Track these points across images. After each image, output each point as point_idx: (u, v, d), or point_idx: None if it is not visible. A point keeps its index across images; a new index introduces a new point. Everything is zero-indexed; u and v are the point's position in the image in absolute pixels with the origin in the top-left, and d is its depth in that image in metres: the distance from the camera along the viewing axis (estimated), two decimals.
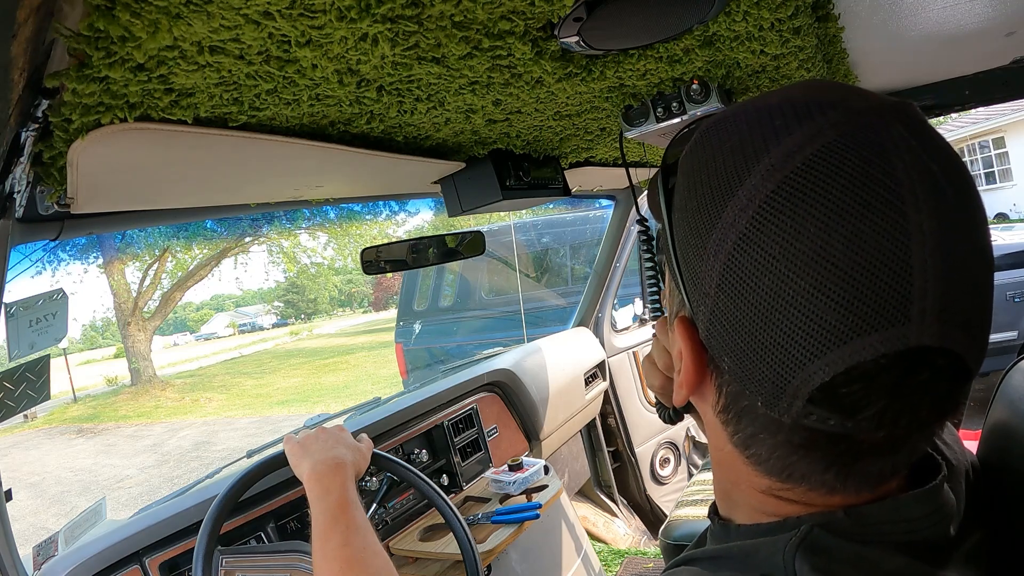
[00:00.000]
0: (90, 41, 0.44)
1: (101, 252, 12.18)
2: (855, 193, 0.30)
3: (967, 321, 0.30)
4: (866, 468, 0.34)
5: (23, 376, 0.87)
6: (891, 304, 0.29)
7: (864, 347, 0.29)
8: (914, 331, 0.29)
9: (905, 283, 0.29)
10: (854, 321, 0.29)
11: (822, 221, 0.30)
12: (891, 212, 0.29)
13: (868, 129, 0.31)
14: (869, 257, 0.29)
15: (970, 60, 1.24)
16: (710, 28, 0.73)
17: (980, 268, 0.31)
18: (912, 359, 0.30)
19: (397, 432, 1.56)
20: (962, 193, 0.31)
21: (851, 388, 0.31)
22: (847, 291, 0.29)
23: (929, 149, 0.31)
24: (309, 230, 14.32)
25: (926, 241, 0.29)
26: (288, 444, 0.98)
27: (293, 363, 17.61)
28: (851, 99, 0.33)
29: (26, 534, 5.57)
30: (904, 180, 0.30)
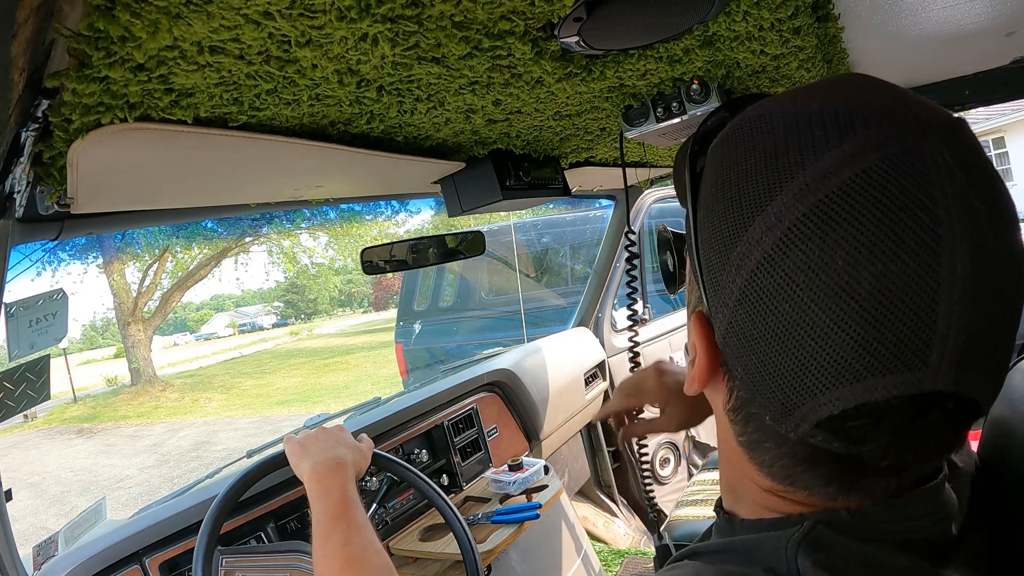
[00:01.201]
0: (90, 41, 0.44)
1: (101, 252, 12.19)
2: (890, 229, 0.28)
3: (987, 367, 0.30)
4: (869, 486, 0.34)
5: (23, 376, 0.87)
6: (910, 348, 0.28)
7: (876, 387, 0.29)
8: (929, 377, 0.29)
9: (928, 329, 0.28)
10: (870, 361, 0.29)
11: (851, 255, 0.29)
12: (924, 253, 0.28)
13: (912, 155, 0.29)
14: (894, 299, 0.28)
15: (970, 60, 1.24)
16: (710, 28, 0.73)
17: (1011, 315, 0.30)
18: (924, 402, 0.29)
19: (397, 432, 1.56)
20: (1004, 235, 0.29)
21: (859, 422, 0.30)
22: (867, 330, 0.29)
23: (975, 182, 0.29)
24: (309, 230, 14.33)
25: (956, 286, 0.28)
26: (288, 444, 0.98)
27: (293, 363, 17.61)
28: (899, 113, 0.31)
29: (26, 534, 5.57)
30: (943, 218, 0.28)
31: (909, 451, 0.31)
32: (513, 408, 1.94)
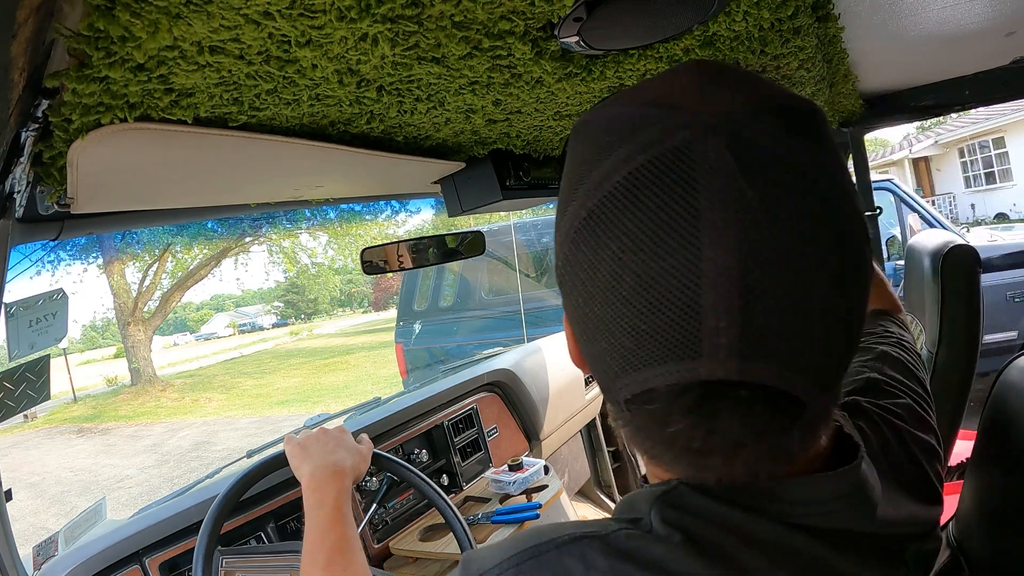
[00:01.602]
0: (90, 41, 0.44)
1: (101, 252, 12.18)
2: (650, 228, 0.29)
3: (784, 354, 0.30)
4: (717, 465, 0.34)
5: (23, 376, 0.87)
6: (678, 341, 0.29)
7: (655, 376, 0.31)
8: (705, 366, 0.29)
9: (694, 321, 0.29)
10: (646, 351, 0.30)
11: (616, 255, 0.30)
12: (684, 249, 0.29)
13: (680, 152, 0.30)
14: (657, 295, 0.29)
15: (970, 60, 1.24)
16: (710, 28, 0.73)
17: (803, 302, 0.30)
18: (708, 389, 0.30)
19: (397, 432, 1.56)
20: (784, 223, 0.29)
21: (654, 406, 0.32)
22: (638, 323, 0.30)
23: (753, 173, 0.29)
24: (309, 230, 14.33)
25: (719, 278, 0.28)
26: (289, 444, 0.98)
27: (293, 363, 17.60)
28: (681, 109, 0.31)
29: (26, 534, 5.56)
30: (705, 212, 0.29)
31: (716, 435, 0.32)
32: (513, 408, 1.94)
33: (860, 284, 0.33)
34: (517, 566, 0.36)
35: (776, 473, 0.35)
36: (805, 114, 0.33)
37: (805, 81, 1.04)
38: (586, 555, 0.35)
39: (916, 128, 17.08)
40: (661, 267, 0.29)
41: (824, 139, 0.33)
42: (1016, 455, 0.74)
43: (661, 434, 0.33)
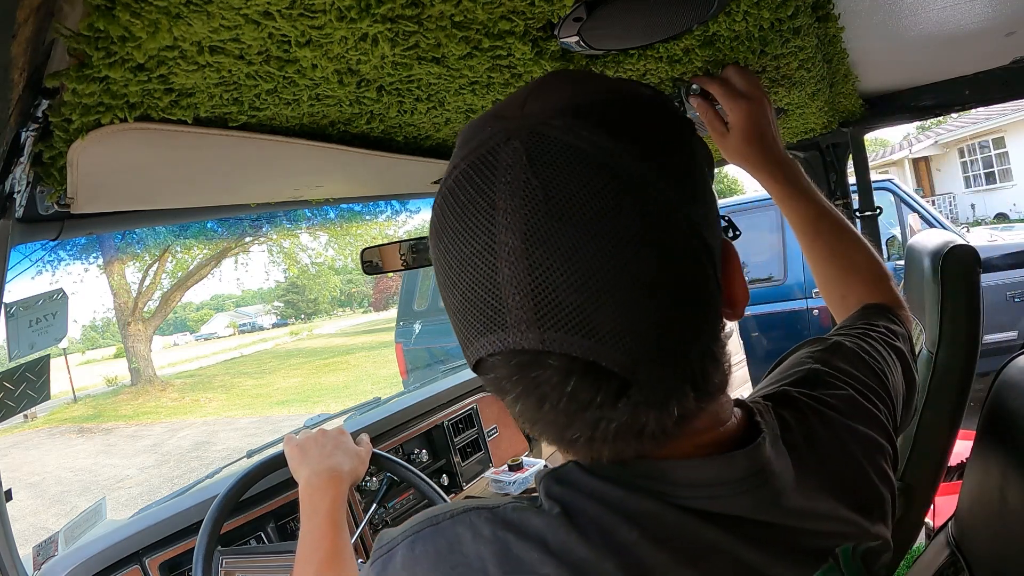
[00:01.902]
0: (90, 41, 0.44)
1: (101, 252, 12.17)
2: (461, 220, 0.35)
3: (573, 325, 0.33)
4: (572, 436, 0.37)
5: (23, 376, 0.87)
6: (489, 315, 0.35)
7: (480, 347, 0.36)
8: (512, 336, 0.34)
9: (496, 296, 0.34)
10: (471, 326, 0.36)
11: (444, 248, 0.37)
12: (484, 235, 0.34)
13: (488, 155, 0.35)
14: (469, 276, 0.35)
15: (970, 60, 1.24)
16: (710, 28, 0.73)
17: (590, 273, 0.32)
18: (523, 358, 0.35)
19: (397, 432, 1.56)
20: (561, 202, 0.33)
21: (489, 375, 0.37)
22: (462, 302, 0.36)
23: (539, 162, 0.33)
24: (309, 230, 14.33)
25: (511, 258, 0.33)
26: (288, 445, 0.98)
27: (293, 363, 17.61)
28: (501, 118, 0.37)
29: (26, 534, 5.56)
30: (499, 203, 0.34)
31: (545, 401, 0.35)
32: None
33: (672, 261, 0.34)
34: (417, 533, 0.41)
35: (648, 453, 0.38)
36: (615, 110, 0.36)
37: (805, 81, 1.04)
38: (474, 524, 0.39)
39: (916, 128, 17.09)
40: (469, 252, 0.35)
41: (628, 131, 0.35)
42: (1015, 454, 0.74)
43: (513, 408, 0.38)
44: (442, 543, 0.40)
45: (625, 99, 0.37)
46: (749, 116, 0.79)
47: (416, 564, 0.40)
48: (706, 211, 0.38)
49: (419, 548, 0.40)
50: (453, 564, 0.38)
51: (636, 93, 0.38)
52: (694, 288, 0.36)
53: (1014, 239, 4.41)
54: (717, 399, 0.41)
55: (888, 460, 0.49)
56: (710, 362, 0.38)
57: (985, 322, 1.19)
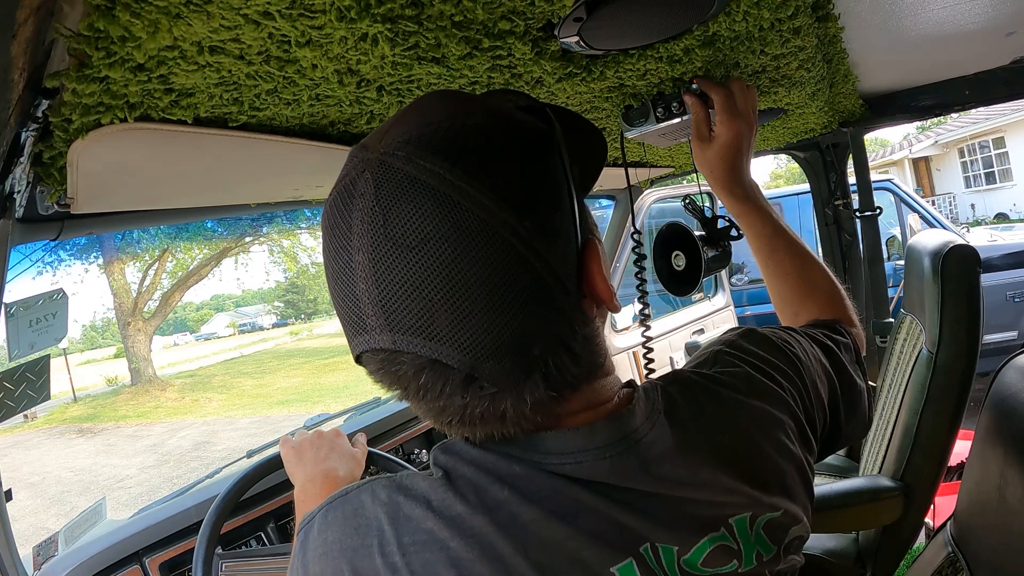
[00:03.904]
0: (90, 41, 0.44)
1: (101, 252, 12.17)
2: (330, 240, 0.42)
3: (420, 329, 0.39)
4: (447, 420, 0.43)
5: (23, 376, 0.87)
6: (355, 320, 0.41)
7: (355, 346, 0.43)
8: (372, 338, 0.40)
9: (357, 306, 0.40)
10: (346, 329, 0.43)
11: (324, 262, 0.43)
12: (344, 254, 0.40)
13: (349, 185, 0.41)
14: (338, 288, 0.41)
15: (970, 60, 1.24)
16: (710, 28, 0.73)
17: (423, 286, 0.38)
18: (384, 356, 0.41)
19: (397, 432, 1.56)
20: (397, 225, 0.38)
21: (368, 368, 0.44)
22: (338, 309, 0.43)
23: (382, 190, 0.39)
24: (309, 230, 14.32)
25: (362, 273, 0.39)
26: (283, 448, 0.98)
27: (293, 363, 17.60)
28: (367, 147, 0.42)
29: (26, 534, 5.57)
30: (355, 225, 0.40)
31: (419, 393, 0.41)
32: None
33: (499, 272, 0.39)
34: (330, 504, 0.48)
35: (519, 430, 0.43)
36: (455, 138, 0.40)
37: (805, 81, 1.04)
38: (374, 490, 0.46)
39: (916, 128, 17.09)
40: (336, 268, 0.41)
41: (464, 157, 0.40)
42: (1014, 454, 0.74)
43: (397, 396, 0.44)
44: (348, 508, 0.46)
45: (466, 126, 0.41)
46: (738, 136, 0.82)
47: (328, 529, 0.47)
48: (542, 221, 0.41)
49: (331, 515, 0.47)
50: (356, 525, 0.45)
51: (478, 122, 0.42)
52: (528, 293, 0.40)
53: (1014, 239, 4.41)
54: (581, 386, 0.45)
55: (791, 435, 0.51)
56: (564, 355, 0.43)
57: (985, 322, 1.19)
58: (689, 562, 0.43)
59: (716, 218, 1.14)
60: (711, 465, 0.46)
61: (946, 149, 15.53)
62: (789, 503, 0.48)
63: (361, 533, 0.44)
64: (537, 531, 0.41)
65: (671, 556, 0.43)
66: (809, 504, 0.52)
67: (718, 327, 3.03)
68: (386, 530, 0.43)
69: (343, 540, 0.45)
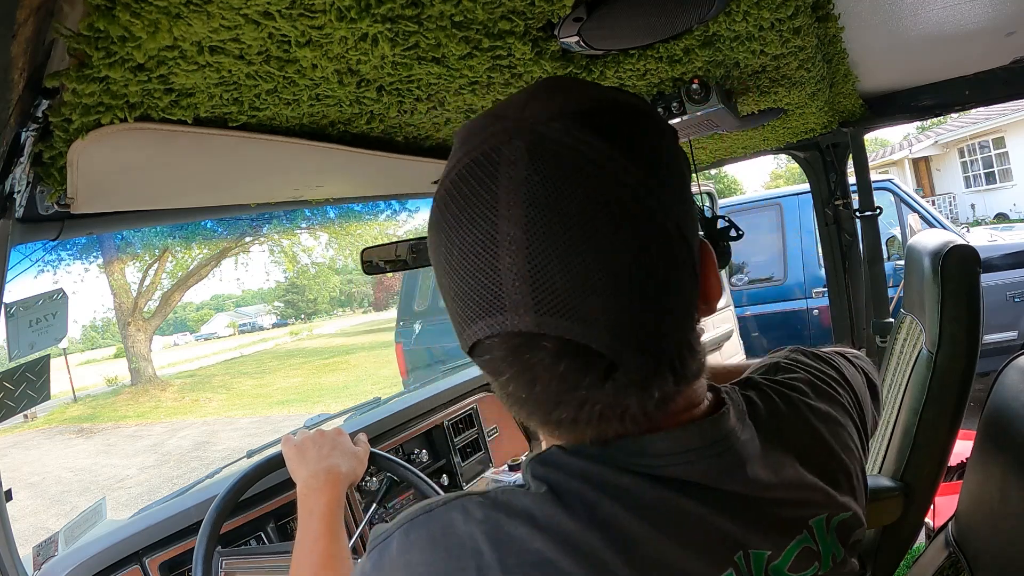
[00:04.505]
0: (90, 41, 0.44)
1: (101, 252, 12.18)
2: (465, 211, 0.37)
3: (567, 309, 0.36)
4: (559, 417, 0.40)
5: (23, 376, 0.87)
6: (488, 299, 0.37)
7: (478, 329, 0.38)
8: (509, 319, 0.37)
9: (496, 281, 0.36)
10: (470, 309, 0.38)
11: (444, 235, 0.39)
12: (486, 225, 0.37)
13: (490, 152, 0.38)
14: (470, 262, 0.37)
15: (970, 60, 1.24)
16: (710, 28, 0.73)
17: (592, 266, 0.36)
18: (518, 340, 0.37)
19: (397, 432, 1.56)
20: (559, 197, 0.36)
21: (484, 357, 0.40)
22: (461, 287, 0.38)
23: (541, 162, 0.36)
24: (309, 230, 14.33)
25: (512, 247, 0.36)
26: (285, 446, 0.98)
27: (293, 363, 17.60)
28: (508, 116, 0.39)
29: (26, 534, 5.56)
30: (502, 196, 0.36)
31: (536, 383, 0.38)
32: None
33: (657, 257, 0.38)
34: (411, 521, 0.43)
35: (630, 432, 0.41)
36: (609, 116, 0.39)
37: (805, 81, 1.04)
38: (467, 507, 0.42)
39: (916, 128, 17.08)
40: (471, 240, 0.37)
41: (621, 136, 0.38)
42: (1015, 454, 0.74)
43: (504, 390, 0.40)
44: (436, 527, 0.42)
45: (615, 106, 0.40)
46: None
47: (411, 549, 0.42)
48: (688, 211, 0.41)
49: (413, 534, 0.43)
50: (447, 546, 0.41)
51: (624, 101, 0.41)
52: (676, 282, 0.39)
53: (1014, 239, 4.40)
54: (692, 384, 0.44)
55: (853, 437, 0.52)
56: (687, 350, 0.42)
57: (985, 322, 1.19)
58: (777, 568, 0.43)
59: (716, 218, 1.14)
60: (793, 464, 0.46)
61: (946, 149, 15.52)
62: (855, 504, 0.49)
63: (455, 555, 0.40)
64: (648, 547, 0.40)
65: (761, 562, 0.42)
66: (865, 507, 0.52)
67: (718, 327, 3.03)
68: (485, 552, 0.39)
69: (432, 563, 0.41)
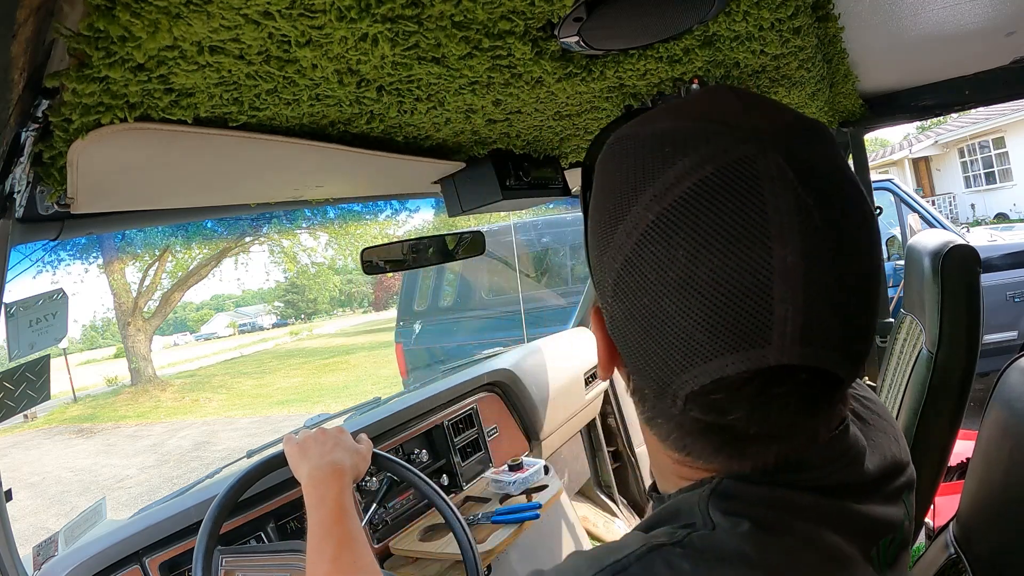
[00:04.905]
0: (90, 41, 0.44)
1: (101, 252, 12.18)
2: (723, 227, 0.33)
3: (835, 340, 0.34)
4: (758, 452, 0.38)
5: (23, 376, 0.87)
6: (752, 329, 0.33)
7: (727, 364, 0.33)
8: (774, 352, 0.33)
9: (765, 312, 0.32)
10: (718, 342, 0.33)
11: (690, 252, 0.33)
12: (756, 246, 0.32)
13: (745, 162, 0.33)
14: (731, 287, 0.32)
15: (970, 60, 1.24)
16: (710, 28, 0.73)
17: (853, 292, 0.34)
18: (773, 374, 0.33)
19: (397, 432, 1.56)
20: (836, 225, 0.33)
21: (719, 396, 0.35)
22: (711, 315, 0.33)
23: (807, 180, 0.33)
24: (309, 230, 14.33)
25: (788, 274, 0.32)
26: (288, 445, 0.98)
27: (293, 363, 17.60)
28: (736, 126, 0.35)
29: (26, 534, 5.56)
30: (773, 216, 0.32)
31: (774, 417, 0.35)
32: (513, 408, 1.94)
33: (882, 277, 0.38)
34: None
35: (801, 449, 0.39)
36: (824, 131, 0.37)
37: (805, 81, 1.04)
38: (671, 561, 0.37)
39: (916, 128, 17.08)
40: (736, 263, 0.32)
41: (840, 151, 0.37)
42: (1018, 456, 0.74)
43: (715, 426, 0.37)
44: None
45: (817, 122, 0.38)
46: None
47: None
48: None
49: None
50: None
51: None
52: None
53: (1014, 239, 4.40)
54: None
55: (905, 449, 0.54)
56: None
57: (985, 322, 1.19)
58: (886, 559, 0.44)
59: None
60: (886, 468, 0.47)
61: (946, 149, 15.52)
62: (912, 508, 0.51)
63: None
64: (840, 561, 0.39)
65: (882, 556, 0.44)
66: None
67: None
68: None
69: None
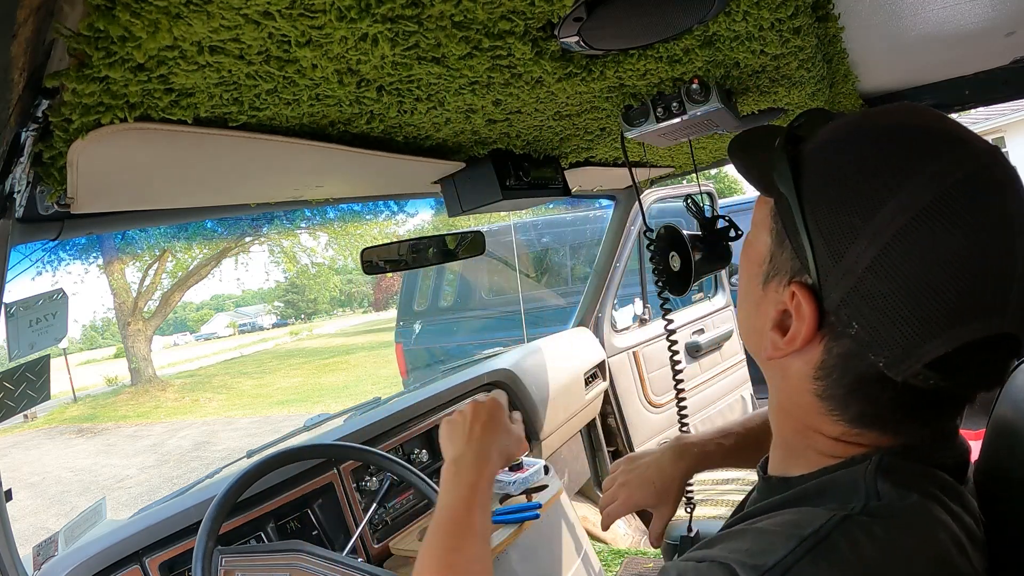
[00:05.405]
0: (90, 41, 0.44)
1: (101, 252, 12.18)
2: (986, 217, 0.40)
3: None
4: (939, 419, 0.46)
5: (23, 376, 0.87)
6: (996, 300, 0.40)
7: (975, 329, 0.40)
8: (1007, 321, 0.40)
9: (1007, 288, 0.40)
10: (972, 309, 0.40)
11: (966, 233, 0.40)
12: (1008, 235, 0.40)
13: (989, 168, 0.42)
14: (990, 266, 0.40)
15: (970, 60, 1.24)
16: (710, 28, 0.73)
17: None
18: (999, 340, 0.40)
19: (397, 432, 1.56)
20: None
21: (960, 358, 0.41)
22: (972, 287, 0.39)
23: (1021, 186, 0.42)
24: (309, 230, 14.34)
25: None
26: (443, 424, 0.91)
27: (293, 363, 17.60)
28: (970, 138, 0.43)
29: (26, 534, 5.57)
30: (1013, 212, 0.41)
31: (982, 380, 0.43)
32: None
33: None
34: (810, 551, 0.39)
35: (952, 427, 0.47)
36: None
37: (805, 81, 1.04)
38: (867, 529, 0.40)
39: None
40: (995, 245, 0.40)
41: None
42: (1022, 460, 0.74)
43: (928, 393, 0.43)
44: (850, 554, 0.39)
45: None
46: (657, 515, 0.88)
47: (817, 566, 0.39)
48: None
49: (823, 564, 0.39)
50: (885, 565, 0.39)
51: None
52: None
53: None
54: None
55: None
56: None
57: None
58: None
59: (716, 218, 1.14)
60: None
61: None
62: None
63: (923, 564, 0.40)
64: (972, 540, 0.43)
65: None
66: None
67: (718, 327, 3.02)
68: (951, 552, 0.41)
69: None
